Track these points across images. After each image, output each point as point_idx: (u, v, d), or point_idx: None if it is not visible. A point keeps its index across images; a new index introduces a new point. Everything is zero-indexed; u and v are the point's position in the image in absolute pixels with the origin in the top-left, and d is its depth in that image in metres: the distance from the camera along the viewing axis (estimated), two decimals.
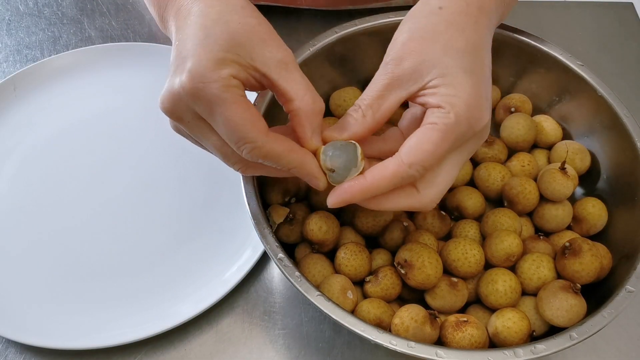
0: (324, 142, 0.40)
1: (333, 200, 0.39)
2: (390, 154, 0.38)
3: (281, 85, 0.38)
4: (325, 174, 0.40)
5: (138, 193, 0.60)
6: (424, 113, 0.41)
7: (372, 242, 0.51)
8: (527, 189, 0.49)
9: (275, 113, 0.52)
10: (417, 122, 0.41)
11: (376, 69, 0.57)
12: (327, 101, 0.57)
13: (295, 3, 0.69)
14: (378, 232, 0.49)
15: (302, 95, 0.38)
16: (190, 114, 0.38)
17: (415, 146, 0.37)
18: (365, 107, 0.39)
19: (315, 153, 0.40)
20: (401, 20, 0.54)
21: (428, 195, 0.39)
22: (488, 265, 0.48)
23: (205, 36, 0.37)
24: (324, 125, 0.42)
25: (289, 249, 0.50)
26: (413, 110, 0.44)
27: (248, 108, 0.37)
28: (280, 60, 0.38)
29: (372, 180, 0.37)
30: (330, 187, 0.40)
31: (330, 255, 0.49)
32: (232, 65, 0.37)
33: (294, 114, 0.39)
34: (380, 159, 0.40)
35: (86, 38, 0.72)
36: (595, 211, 0.50)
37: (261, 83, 0.39)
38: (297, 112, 0.39)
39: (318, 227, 0.47)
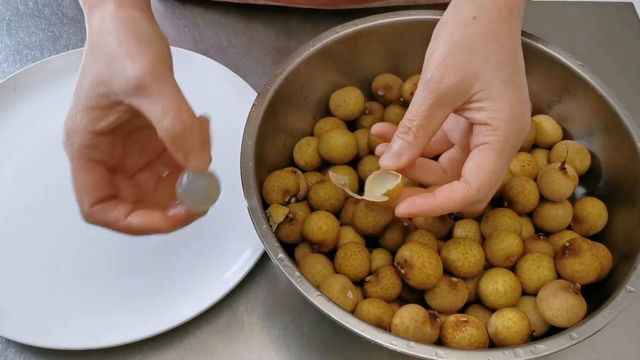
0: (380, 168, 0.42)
1: (402, 210, 0.40)
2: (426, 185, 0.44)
3: (145, 114, 0.36)
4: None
5: None
6: (463, 149, 0.44)
7: (372, 242, 0.51)
8: (527, 189, 0.49)
9: (276, 114, 0.52)
10: (457, 161, 0.45)
11: (376, 69, 0.58)
12: (327, 101, 0.57)
13: (296, 3, 0.69)
14: (378, 233, 0.49)
15: (160, 120, 0.36)
16: None
17: (478, 170, 0.39)
18: (416, 128, 0.40)
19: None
20: (402, 20, 0.55)
21: (479, 206, 0.42)
22: (488, 265, 0.48)
23: (81, 75, 0.39)
24: (328, 124, 0.43)
25: (289, 249, 0.50)
26: (451, 152, 0.47)
27: (86, 174, 0.38)
28: (136, 86, 0.36)
29: (442, 201, 0.40)
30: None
31: (330, 255, 0.49)
32: (94, 114, 0.37)
33: (163, 141, 0.37)
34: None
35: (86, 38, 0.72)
36: (595, 211, 0.50)
37: (135, 112, 0.38)
38: (163, 140, 0.37)
39: (318, 227, 0.47)
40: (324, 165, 0.55)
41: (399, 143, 0.41)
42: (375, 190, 0.43)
